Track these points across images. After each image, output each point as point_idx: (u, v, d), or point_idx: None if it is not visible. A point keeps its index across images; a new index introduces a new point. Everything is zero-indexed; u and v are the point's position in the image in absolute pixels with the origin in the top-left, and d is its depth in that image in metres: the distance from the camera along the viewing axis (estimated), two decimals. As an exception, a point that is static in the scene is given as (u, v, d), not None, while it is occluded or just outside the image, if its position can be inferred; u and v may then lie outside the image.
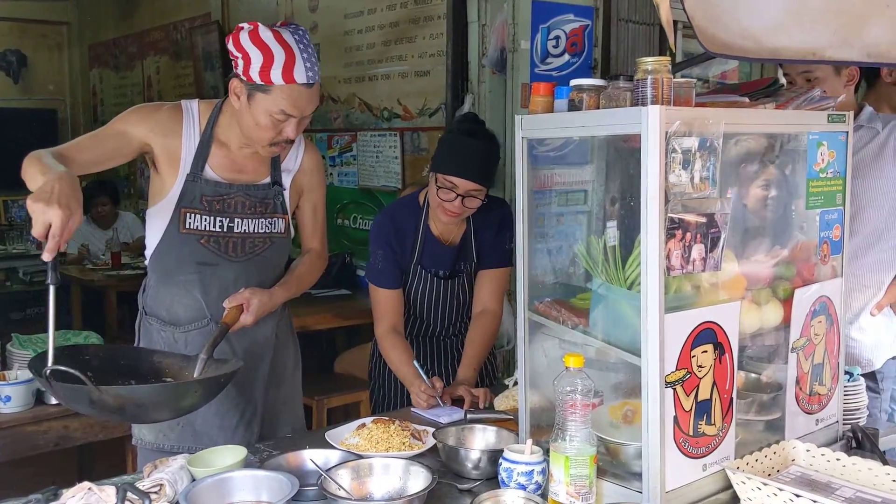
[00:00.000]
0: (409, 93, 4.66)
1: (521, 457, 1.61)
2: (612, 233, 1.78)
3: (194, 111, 2.01)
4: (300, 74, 1.86)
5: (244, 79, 1.88)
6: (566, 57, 3.73)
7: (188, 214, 1.94)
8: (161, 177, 1.98)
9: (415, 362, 2.30)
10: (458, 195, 2.26)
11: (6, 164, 8.23)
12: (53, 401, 2.59)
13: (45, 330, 3.07)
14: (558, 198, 1.95)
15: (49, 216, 1.45)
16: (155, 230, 2.00)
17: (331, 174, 5.16)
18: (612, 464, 1.61)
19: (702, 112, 1.49)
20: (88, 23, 8.22)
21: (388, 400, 2.53)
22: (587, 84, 1.59)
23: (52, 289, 1.56)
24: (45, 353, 1.62)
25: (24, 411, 2.55)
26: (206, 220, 1.95)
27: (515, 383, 2.21)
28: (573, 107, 1.59)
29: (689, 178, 1.47)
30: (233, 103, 1.94)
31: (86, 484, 1.61)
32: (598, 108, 1.56)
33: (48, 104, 8.35)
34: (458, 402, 2.24)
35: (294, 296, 2.11)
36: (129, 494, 1.40)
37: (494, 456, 1.71)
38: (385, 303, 2.39)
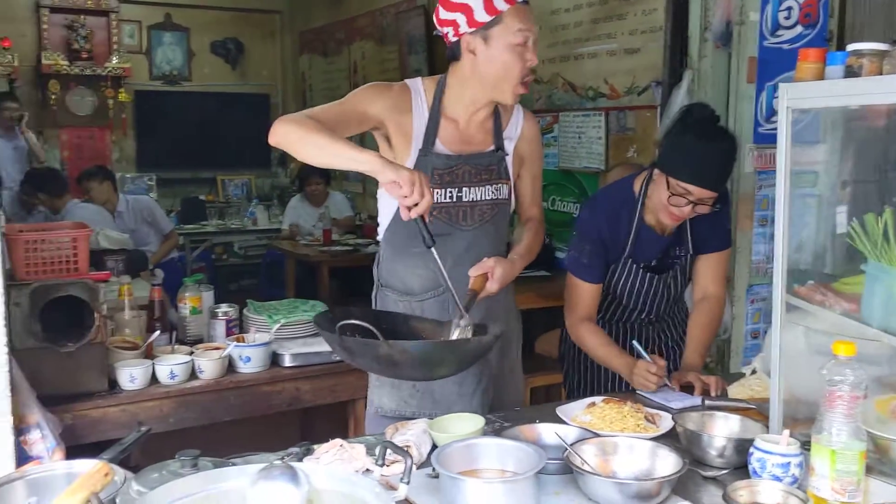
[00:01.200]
0: (616, 71, 4.55)
1: (777, 447, 1.51)
2: (842, 218, 1.64)
3: (420, 88, 2.05)
4: None
5: (472, 29, 1.90)
6: (799, 28, 3.47)
7: None
8: (394, 153, 2.03)
9: (634, 342, 2.21)
10: (689, 202, 2.12)
11: (225, 145, 8.93)
12: (287, 363, 2.75)
13: (268, 299, 3.29)
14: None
15: (425, 180, 1.66)
16: (388, 206, 2.07)
17: (531, 155, 5.14)
18: (880, 461, 1.49)
19: None
20: (299, 11, 8.68)
21: (584, 384, 2.47)
22: (868, 49, 1.46)
23: (434, 251, 1.75)
24: (328, 312, 1.78)
25: (262, 372, 2.72)
26: (437, 192, 1.99)
27: (753, 371, 2.10)
28: (850, 73, 1.47)
29: None
30: (466, 66, 1.95)
31: (338, 441, 1.69)
32: (880, 74, 1.43)
33: (262, 89, 8.91)
34: (685, 389, 2.15)
35: (527, 264, 2.12)
36: (388, 452, 1.45)
37: (741, 445, 1.63)
38: (583, 295, 2.30)
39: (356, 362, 1.73)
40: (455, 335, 1.77)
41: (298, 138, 1.77)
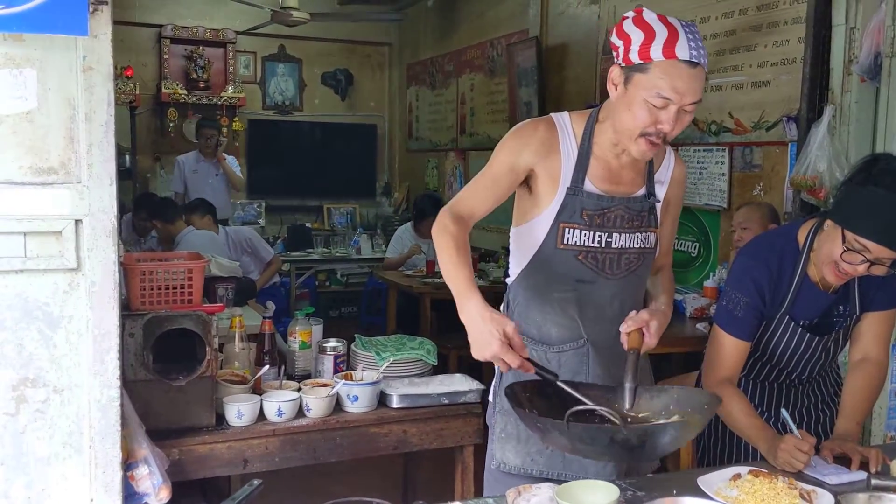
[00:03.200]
0: (743, 105, 4.32)
1: (976, 548, 1.29)
2: None
3: (567, 125, 1.91)
4: (682, 50, 1.68)
5: (623, 64, 1.75)
6: (958, 61, 3.20)
7: (567, 229, 1.85)
8: (535, 196, 1.91)
9: (783, 410, 2.00)
10: (865, 260, 1.89)
11: (332, 174, 9.03)
12: (395, 404, 2.64)
13: (368, 327, 3.20)
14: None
15: (497, 356, 1.62)
16: (524, 248, 1.94)
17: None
18: None
19: None
20: (408, 43, 8.74)
21: (722, 445, 2.24)
22: None
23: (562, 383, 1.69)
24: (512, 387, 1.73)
25: (369, 412, 2.61)
26: (585, 234, 1.85)
27: (922, 446, 1.85)
28: None
29: None
30: (610, 96, 1.81)
31: (457, 504, 1.56)
32: None
33: (369, 120, 8.98)
34: (839, 460, 1.92)
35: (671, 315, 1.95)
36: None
37: (923, 538, 1.40)
38: (729, 353, 2.08)
39: (578, 450, 1.64)
40: (627, 400, 1.71)
41: (439, 250, 1.80)
